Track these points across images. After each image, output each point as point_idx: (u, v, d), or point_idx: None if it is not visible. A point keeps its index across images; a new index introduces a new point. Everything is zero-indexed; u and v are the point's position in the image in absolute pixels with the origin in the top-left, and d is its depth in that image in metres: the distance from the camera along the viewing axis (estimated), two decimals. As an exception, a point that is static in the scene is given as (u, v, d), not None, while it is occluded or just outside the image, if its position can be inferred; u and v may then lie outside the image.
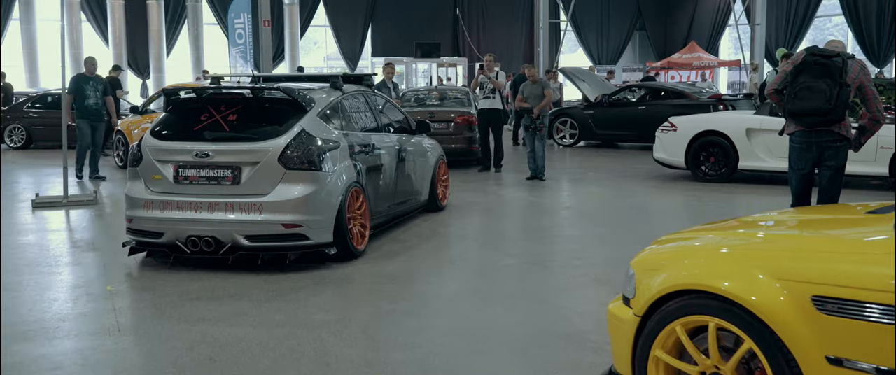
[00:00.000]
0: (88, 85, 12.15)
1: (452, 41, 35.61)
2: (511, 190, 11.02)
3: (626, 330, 3.23)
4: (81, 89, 12.05)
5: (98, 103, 12.20)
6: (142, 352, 4.50)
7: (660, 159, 11.80)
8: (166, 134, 6.50)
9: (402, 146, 8.03)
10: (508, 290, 5.89)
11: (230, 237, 6.12)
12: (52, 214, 9.14)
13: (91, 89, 12.14)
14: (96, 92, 12.20)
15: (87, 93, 12.08)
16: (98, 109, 12.22)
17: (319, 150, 6.30)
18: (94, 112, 12.16)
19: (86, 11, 31.42)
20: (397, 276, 6.16)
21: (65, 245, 7.51)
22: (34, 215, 9.15)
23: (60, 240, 7.74)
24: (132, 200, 6.43)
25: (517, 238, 7.98)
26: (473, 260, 6.95)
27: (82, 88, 12.07)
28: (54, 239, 7.85)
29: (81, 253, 7.11)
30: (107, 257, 6.85)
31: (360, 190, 6.78)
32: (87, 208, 9.58)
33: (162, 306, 5.39)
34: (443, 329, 4.81)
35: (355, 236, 6.64)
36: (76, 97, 11.96)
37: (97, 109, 12.19)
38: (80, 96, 12.02)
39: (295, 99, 6.50)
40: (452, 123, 13.30)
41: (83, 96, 12.05)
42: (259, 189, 6.14)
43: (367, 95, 7.87)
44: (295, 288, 5.71)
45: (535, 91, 11.80)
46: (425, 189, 8.66)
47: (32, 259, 6.91)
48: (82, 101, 12.05)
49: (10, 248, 7.54)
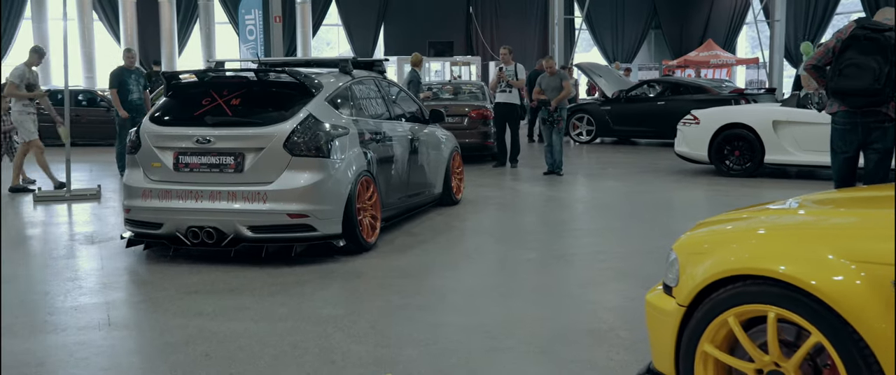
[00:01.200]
0: (130, 78, 11.32)
1: (466, 40, 35.24)
2: (528, 185, 10.63)
3: (669, 323, 2.85)
4: (125, 83, 11.24)
5: (141, 97, 11.38)
6: (132, 348, 4.15)
7: (682, 153, 11.39)
8: (166, 119, 6.16)
9: (415, 135, 7.67)
10: (529, 285, 5.51)
11: (232, 228, 5.77)
12: (52, 208, 8.83)
13: (134, 83, 11.32)
14: (138, 85, 11.39)
15: (131, 88, 11.23)
16: (141, 104, 11.27)
17: (327, 136, 5.94)
18: (138, 107, 11.20)
19: (98, 10, 31.25)
20: (410, 270, 5.79)
21: (62, 238, 7.19)
22: (35, 208, 8.85)
23: (58, 234, 7.42)
24: (130, 189, 6.09)
25: (536, 232, 7.60)
26: (491, 254, 6.57)
27: (126, 82, 11.25)
28: (52, 232, 7.54)
29: (78, 247, 6.78)
30: (104, 250, 6.52)
31: (370, 179, 6.41)
32: (90, 202, 9.27)
33: (158, 300, 5.05)
34: (459, 325, 4.43)
35: (365, 228, 6.27)
36: (119, 91, 11.17)
37: (140, 104, 11.27)
38: (123, 90, 11.20)
39: (301, 82, 6.14)
40: (467, 117, 12.92)
41: (126, 90, 11.20)
42: (263, 177, 5.79)
43: (379, 81, 7.50)
44: (300, 282, 5.35)
45: (553, 83, 11.41)
46: (439, 181, 8.29)
47: (26, 251, 6.60)
48: (125, 96, 11.15)
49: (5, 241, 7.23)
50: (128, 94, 11.21)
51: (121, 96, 11.21)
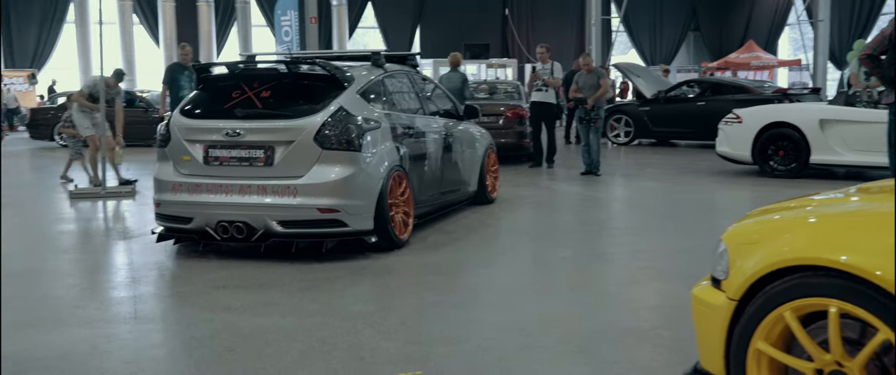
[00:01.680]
0: (183, 75, 10.90)
1: (501, 41, 35.07)
2: (564, 185, 10.42)
3: (718, 319, 2.64)
4: (177, 80, 10.95)
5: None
6: (156, 341, 4.05)
7: (723, 153, 11.07)
8: (196, 112, 6.08)
9: (449, 131, 7.51)
10: (566, 283, 5.32)
11: (262, 222, 5.66)
12: (88, 205, 8.83)
13: (186, 80, 10.80)
14: (191, 82, 10.61)
15: (183, 84, 10.82)
16: None
17: (359, 130, 5.80)
18: None
19: (138, 14, 31.68)
20: (443, 267, 5.63)
21: (94, 234, 7.16)
22: (71, 205, 8.85)
23: (90, 229, 7.40)
24: (160, 183, 6.01)
25: (572, 230, 7.39)
26: (526, 252, 6.39)
27: (177, 79, 10.97)
28: (84, 227, 7.51)
29: (110, 242, 6.73)
30: (135, 246, 6.46)
31: (403, 174, 6.27)
32: (125, 199, 9.26)
33: (186, 294, 4.95)
34: (493, 322, 4.26)
35: (398, 224, 6.12)
36: (171, 88, 10.95)
37: None
38: (175, 87, 10.91)
39: (333, 74, 6.02)
40: (502, 117, 12.72)
41: (178, 87, 10.84)
42: (293, 170, 5.67)
43: (411, 76, 7.36)
44: (330, 278, 5.22)
45: (590, 81, 11.18)
46: (473, 179, 8.12)
47: (58, 246, 6.56)
48: (177, 93, 10.74)
49: (37, 237, 7.22)
50: (179, 91, 10.83)
51: (172, 93, 10.96)
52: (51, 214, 8.37)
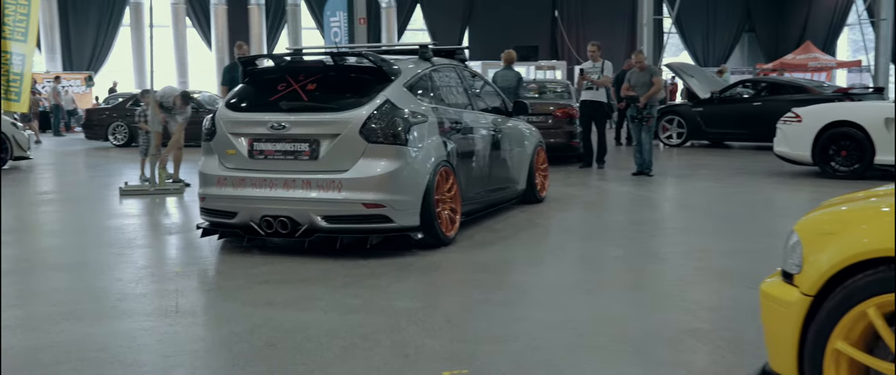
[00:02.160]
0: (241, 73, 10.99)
1: (551, 43, 34.75)
2: (615, 185, 10.15)
3: (791, 316, 2.43)
4: (236, 79, 10.54)
5: None
6: (196, 335, 3.94)
7: (782, 154, 10.69)
8: (241, 105, 6.00)
9: (498, 127, 7.33)
10: (619, 282, 5.10)
11: (307, 217, 5.55)
12: (137, 201, 8.86)
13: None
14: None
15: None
16: None
17: (405, 123, 5.66)
18: None
19: (191, 16, 32.15)
20: (491, 265, 5.45)
21: (141, 229, 7.14)
22: (120, 202, 8.89)
23: (138, 224, 7.38)
24: (205, 177, 5.95)
25: (624, 230, 7.14)
26: (576, 250, 6.17)
27: (237, 79, 10.52)
28: (132, 223, 7.51)
29: (156, 237, 6.71)
30: (180, 241, 6.42)
31: (450, 170, 6.11)
32: (174, 196, 9.28)
33: (228, 289, 4.86)
34: (543, 321, 4.07)
35: (444, 221, 5.97)
36: (230, 88, 10.50)
37: None
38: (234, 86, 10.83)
39: (379, 67, 5.89)
40: (551, 117, 12.48)
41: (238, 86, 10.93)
42: (338, 164, 5.56)
43: (459, 70, 7.20)
44: (375, 274, 5.08)
45: (643, 79, 10.89)
46: (522, 177, 7.92)
47: (103, 240, 6.56)
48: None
49: (82, 232, 7.25)
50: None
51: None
52: (99, 210, 8.41)
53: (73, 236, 7.02)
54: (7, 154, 13.04)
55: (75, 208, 8.87)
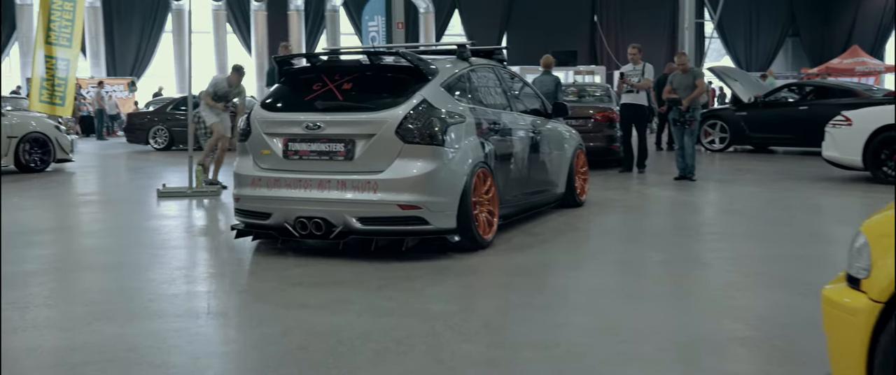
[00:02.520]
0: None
1: (590, 48, 34.44)
2: (657, 190, 9.91)
3: (858, 324, 2.25)
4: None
5: None
6: (227, 337, 3.85)
7: (830, 158, 10.34)
8: (276, 105, 5.93)
9: (537, 129, 7.17)
10: (663, 288, 4.91)
11: (341, 219, 5.44)
12: (174, 203, 8.86)
13: None
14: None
15: None
16: None
17: (442, 123, 5.54)
18: None
19: (231, 23, 32.46)
20: (530, 269, 5.30)
21: (176, 230, 7.11)
22: (158, 204, 8.90)
23: (174, 226, 7.35)
24: (240, 177, 5.88)
25: (667, 234, 6.93)
26: (618, 255, 5.98)
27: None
28: (168, 224, 7.48)
29: (190, 238, 6.66)
30: (215, 242, 6.36)
31: (487, 172, 5.96)
32: (211, 198, 9.26)
33: (261, 291, 4.77)
34: (584, 326, 3.91)
35: (482, 224, 5.82)
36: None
37: None
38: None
39: (416, 66, 5.77)
40: (591, 120, 12.26)
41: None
42: (374, 165, 5.44)
43: (498, 71, 7.05)
44: (410, 277, 4.95)
45: (686, 82, 10.64)
46: (561, 180, 7.74)
47: (138, 241, 6.53)
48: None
49: (118, 232, 7.24)
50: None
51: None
52: (137, 211, 8.42)
53: (110, 237, 7.01)
54: (50, 156, 13.21)
55: (113, 209, 8.90)
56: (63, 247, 6.42)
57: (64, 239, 6.84)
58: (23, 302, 4.39)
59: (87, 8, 30.91)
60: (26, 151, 12.90)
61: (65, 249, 6.35)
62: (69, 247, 6.51)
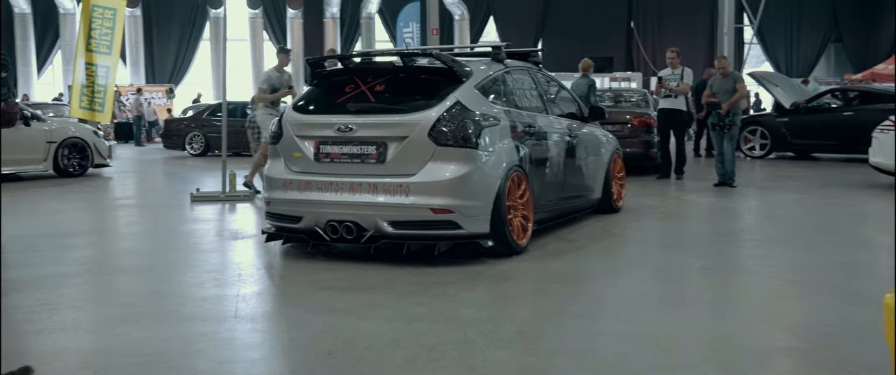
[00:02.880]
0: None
1: (626, 54, 34.14)
2: (695, 196, 9.69)
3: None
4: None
5: None
6: (253, 342, 3.76)
7: (878, 164, 10.03)
8: (308, 107, 5.86)
9: (573, 133, 7.02)
10: (705, 295, 4.74)
11: (373, 222, 5.35)
12: (207, 207, 8.85)
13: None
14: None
15: None
16: None
17: (476, 126, 5.42)
18: None
19: (268, 30, 32.73)
20: (565, 275, 5.15)
21: (208, 234, 7.07)
22: (192, 208, 8.90)
23: (206, 229, 7.33)
24: (271, 180, 5.82)
25: (707, 240, 6.73)
26: (657, 261, 5.81)
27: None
28: (200, 228, 7.46)
29: (222, 242, 6.62)
30: (246, 246, 6.31)
31: (522, 175, 5.83)
32: (245, 203, 9.24)
33: (290, 295, 4.69)
34: (623, 335, 3.76)
35: (516, 229, 5.69)
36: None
37: None
38: None
39: (450, 67, 5.67)
40: (628, 125, 12.06)
41: None
42: (406, 168, 5.34)
43: (534, 73, 6.92)
44: (442, 283, 4.83)
45: (726, 86, 10.41)
46: (598, 185, 7.58)
47: (170, 245, 6.51)
48: None
49: (151, 236, 7.23)
50: None
51: None
52: (170, 215, 8.42)
53: (142, 240, 7.01)
54: (89, 161, 13.36)
55: (147, 213, 8.92)
56: (97, 250, 6.42)
57: (98, 242, 6.85)
58: (53, 304, 4.35)
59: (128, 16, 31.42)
60: (65, 156, 13.05)
61: (98, 252, 6.35)
62: (102, 250, 6.50)
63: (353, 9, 32.06)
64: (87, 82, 14.90)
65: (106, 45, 15.25)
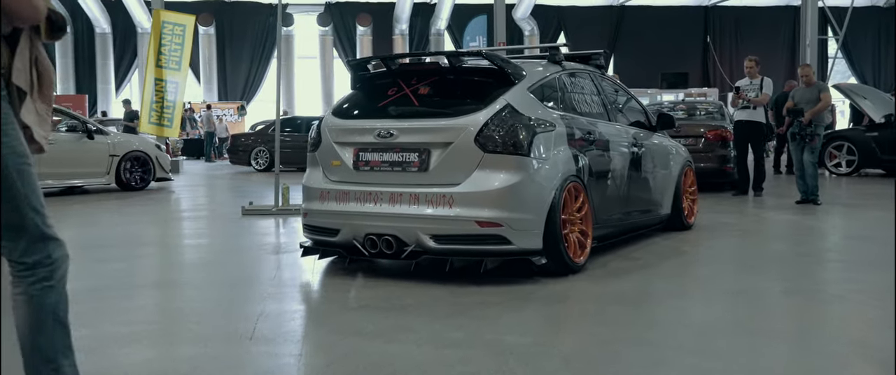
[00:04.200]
0: None
1: (702, 70, 33.07)
2: (775, 213, 8.95)
3: None
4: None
5: None
6: (264, 367, 3.34)
7: (981, 180, 9.11)
8: (348, 112, 5.47)
9: (639, 142, 6.46)
10: (789, 324, 4.13)
11: (414, 236, 4.90)
12: (256, 220, 8.57)
13: None
14: None
15: None
16: None
17: (528, 131, 4.93)
18: None
19: (337, 47, 32.85)
20: (626, 297, 4.60)
21: (249, 248, 6.74)
22: (240, 221, 8.63)
23: (248, 244, 7.00)
24: (308, 191, 5.44)
25: (789, 262, 6.05)
26: (731, 284, 5.18)
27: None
28: (243, 242, 7.15)
29: (259, 255, 6.26)
30: (283, 260, 5.93)
31: (580, 186, 5.31)
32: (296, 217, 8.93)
33: (317, 314, 4.28)
34: (689, 367, 3.21)
35: (572, 245, 5.17)
36: None
37: None
38: None
39: (501, 68, 5.21)
40: (703, 139, 11.36)
41: None
42: (450, 177, 4.89)
43: (596, 77, 6.40)
44: (485, 304, 4.35)
45: (809, 96, 9.66)
46: (666, 200, 6.99)
47: (206, 259, 6.20)
48: None
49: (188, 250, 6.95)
50: None
51: None
52: (215, 228, 8.16)
53: (180, 253, 6.74)
54: (151, 175, 13.35)
55: (194, 226, 8.69)
56: (130, 264, 6.13)
57: (134, 255, 6.57)
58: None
59: (202, 35, 32.04)
60: (127, 169, 13.06)
61: (131, 266, 6.06)
62: (136, 264, 6.22)
63: (421, 25, 31.93)
64: (156, 98, 14.99)
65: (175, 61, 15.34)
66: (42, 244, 2.26)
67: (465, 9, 30.22)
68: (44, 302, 2.26)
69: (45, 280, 2.26)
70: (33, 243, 2.24)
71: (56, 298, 2.28)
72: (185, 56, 15.17)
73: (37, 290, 2.26)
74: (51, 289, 2.27)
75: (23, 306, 2.27)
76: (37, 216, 2.25)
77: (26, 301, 2.25)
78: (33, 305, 2.26)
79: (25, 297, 2.25)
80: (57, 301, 2.29)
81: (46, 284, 2.26)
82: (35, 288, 2.26)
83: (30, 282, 2.25)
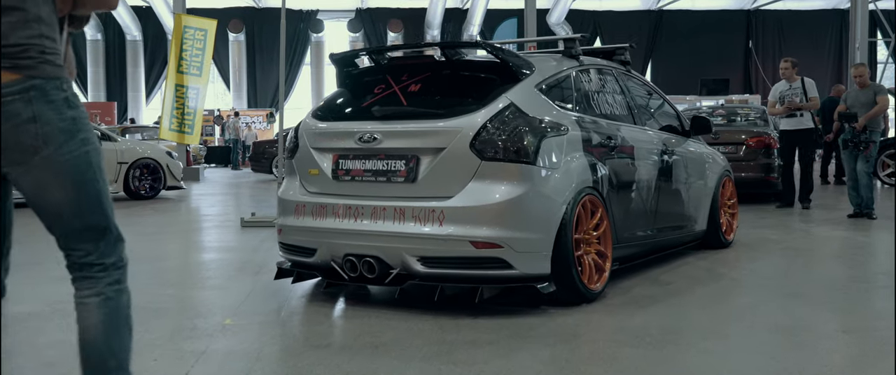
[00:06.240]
0: None
1: (743, 77, 31.95)
2: (826, 229, 8.05)
3: None
4: None
5: None
6: (171, 433, 2.63)
7: None
8: (328, 113, 4.76)
9: (669, 149, 5.67)
10: (846, 371, 3.30)
11: (399, 258, 4.17)
12: (254, 233, 7.91)
13: None
14: None
15: None
16: None
17: (535, 135, 4.18)
18: None
19: (368, 54, 32.36)
20: (647, 335, 3.81)
21: (228, 266, 6.05)
22: (236, 234, 7.98)
23: (228, 260, 6.32)
24: (284, 203, 4.74)
25: (845, 288, 5.19)
26: (777, 316, 4.34)
27: None
28: (224, 258, 6.47)
29: (236, 276, 5.56)
30: (258, 283, 5.20)
31: (597, 200, 4.54)
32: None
33: (269, 355, 3.54)
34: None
35: (587, 269, 4.39)
36: None
37: None
38: None
39: (504, 61, 4.46)
40: (744, 146, 10.47)
41: None
42: (441, 189, 4.15)
43: (619, 74, 5.62)
44: (475, 343, 3.59)
45: (864, 98, 8.76)
46: (702, 214, 6.17)
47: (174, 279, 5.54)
48: None
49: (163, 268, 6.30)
50: None
51: None
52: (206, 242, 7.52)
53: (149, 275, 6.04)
54: (161, 183, 12.84)
55: (185, 239, 8.04)
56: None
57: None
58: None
59: (232, 42, 31.79)
60: (136, 177, 12.55)
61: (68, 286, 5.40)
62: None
63: (454, 30, 31.28)
64: (176, 104, 14.52)
65: (196, 67, 14.87)
66: (120, 244, 2.24)
67: (497, 14, 29.50)
68: (120, 303, 2.22)
69: (119, 281, 2.22)
70: (113, 243, 2.22)
71: (128, 299, 2.25)
72: (206, 62, 14.70)
73: (113, 291, 2.20)
74: (124, 291, 2.23)
75: (96, 308, 2.18)
76: (113, 215, 2.24)
77: (101, 302, 2.18)
78: (110, 306, 2.19)
79: (101, 298, 2.18)
80: (129, 302, 2.25)
81: (120, 285, 2.22)
82: (112, 288, 2.20)
83: (107, 283, 2.20)
